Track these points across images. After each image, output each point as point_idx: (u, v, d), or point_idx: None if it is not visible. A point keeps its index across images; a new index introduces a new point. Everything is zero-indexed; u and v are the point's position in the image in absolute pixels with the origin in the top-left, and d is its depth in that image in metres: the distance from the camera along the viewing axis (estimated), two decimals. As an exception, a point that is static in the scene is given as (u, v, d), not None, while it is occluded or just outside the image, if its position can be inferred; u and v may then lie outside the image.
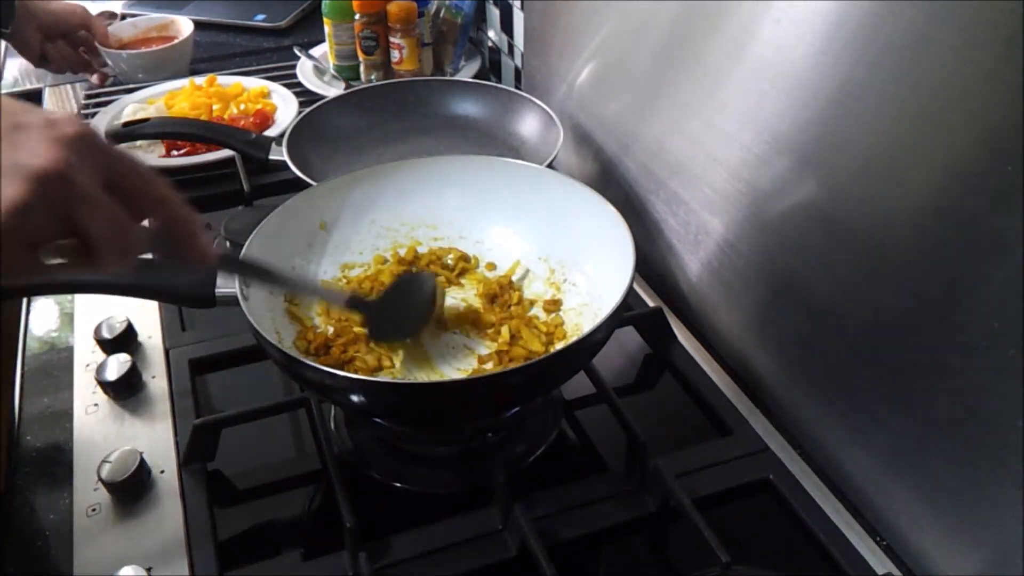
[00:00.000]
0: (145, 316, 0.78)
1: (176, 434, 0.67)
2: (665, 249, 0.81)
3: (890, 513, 0.58)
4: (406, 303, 0.65)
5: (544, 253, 0.73)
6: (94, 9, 1.32)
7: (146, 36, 1.31)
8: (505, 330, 0.66)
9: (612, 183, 0.88)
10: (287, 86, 1.20)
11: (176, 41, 1.28)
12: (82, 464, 0.64)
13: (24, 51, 1.22)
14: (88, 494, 0.62)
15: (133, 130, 0.96)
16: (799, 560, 0.58)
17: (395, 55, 1.19)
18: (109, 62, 1.26)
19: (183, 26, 1.31)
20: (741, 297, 0.71)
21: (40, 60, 1.23)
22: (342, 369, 0.63)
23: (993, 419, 0.48)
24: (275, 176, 0.99)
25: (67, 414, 0.69)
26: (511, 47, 1.19)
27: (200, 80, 1.20)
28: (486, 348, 0.66)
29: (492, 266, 0.74)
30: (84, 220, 0.41)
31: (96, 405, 0.69)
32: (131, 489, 0.61)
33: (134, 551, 0.57)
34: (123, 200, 0.42)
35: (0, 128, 0.39)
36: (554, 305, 0.69)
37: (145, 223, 0.45)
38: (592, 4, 0.85)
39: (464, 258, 0.74)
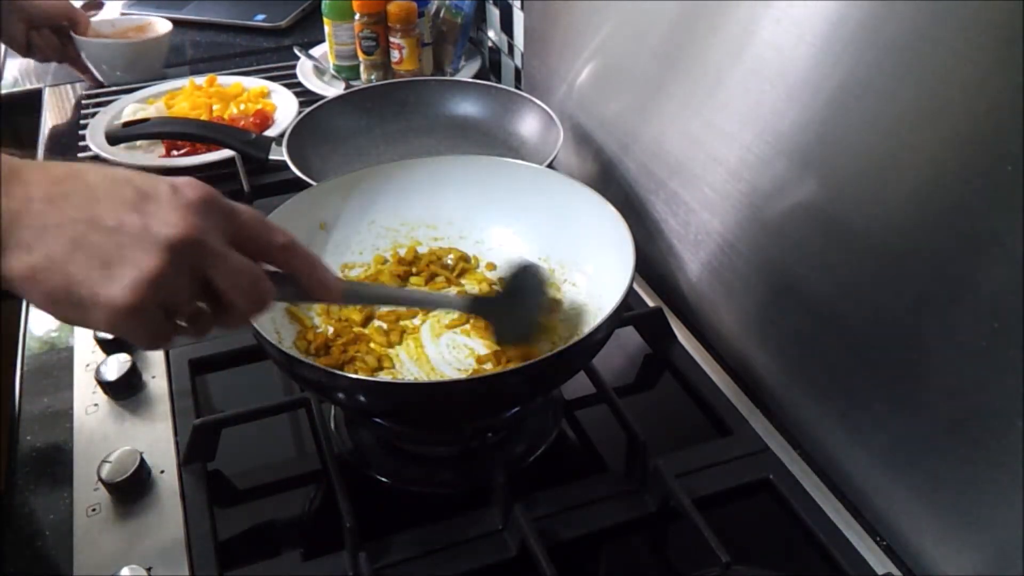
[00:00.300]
0: (145, 316, 0.78)
1: (176, 434, 0.67)
2: (665, 249, 0.81)
3: (890, 513, 0.58)
4: (523, 298, 0.63)
5: (544, 253, 0.73)
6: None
7: (123, 34, 1.31)
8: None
9: (612, 183, 0.88)
10: (287, 86, 1.20)
11: (147, 36, 1.29)
12: (82, 464, 0.64)
13: (10, 42, 1.24)
14: (88, 494, 0.62)
15: (133, 130, 0.97)
16: (799, 560, 0.58)
17: (395, 55, 1.19)
18: (83, 53, 1.26)
19: (160, 26, 1.31)
20: (741, 297, 0.71)
21: (26, 50, 1.24)
22: (342, 369, 0.63)
23: (993, 419, 0.48)
24: (275, 176, 0.99)
25: (67, 414, 0.69)
26: (511, 47, 1.19)
27: (200, 80, 1.20)
28: (486, 348, 0.66)
29: (492, 266, 0.74)
30: (221, 280, 0.42)
31: (96, 405, 0.69)
32: (131, 489, 0.61)
33: (134, 551, 0.57)
34: (250, 253, 0.44)
35: (129, 200, 0.40)
36: (554, 304, 0.69)
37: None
38: (592, 4, 0.86)
39: (464, 258, 0.74)
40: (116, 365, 0.70)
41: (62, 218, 0.39)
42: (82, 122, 1.18)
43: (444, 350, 0.67)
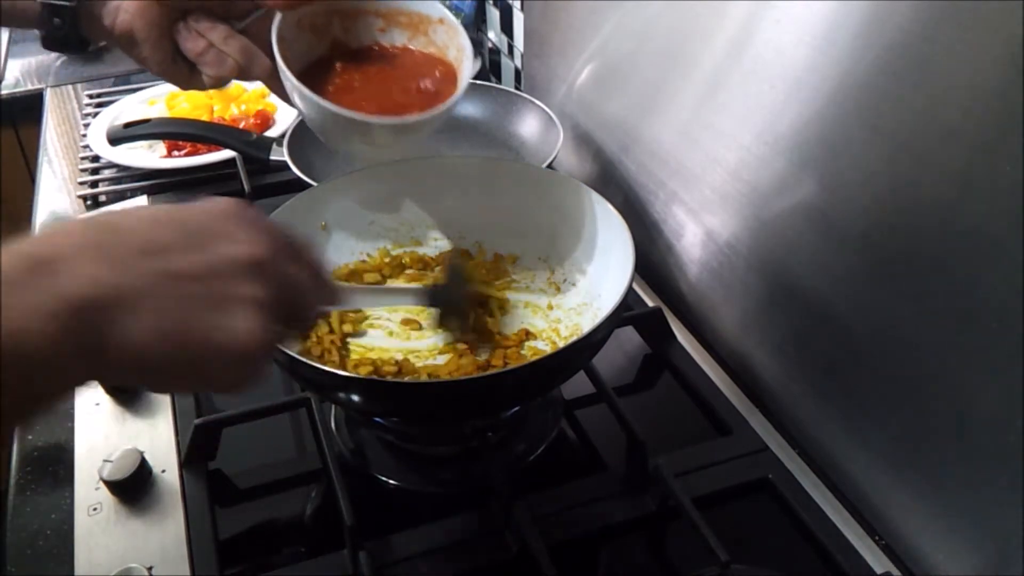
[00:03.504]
0: (146, 316, 0.78)
1: (177, 434, 0.67)
2: (665, 249, 0.81)
3: (889, 512, 0.58)
4: (455, 290, 0.63)
5: (544, 253, 0.73)
6: None
7: None
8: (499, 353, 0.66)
9: (612, 183, 0.88)
10: (288, 87, 1.20)
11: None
12: (83, 463, 0.64)
13: (154, 62, 0.60)
14: (89, 493, 0.62)
15: (134, 130, 0.97)
16: (798, 559, 0.58)
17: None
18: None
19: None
20: (740, 297, 0.71)
21: (176, 63, 0.60)
22: (342, 369, 0.63)
23: (993, 419, 0.48)
24: (276, 176, 0.99)
25: (68, 413, 0.69)
26: (511, 48, 1.19)
27: (201, 81, 1.20)
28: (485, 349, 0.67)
29: (514, 258, 0.74)
30: (299, 276, 0.42)
31: (97, 404, 0.70)
32: (132, 488, 0.61)
33: (135, 550, 0.57)
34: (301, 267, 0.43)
35: (181, 243, 0.38)
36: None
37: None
38: (592, 5, 0.86)
39: (467, 254, 0.75)
40: (117, 365, 0.70)
41: (143, 285, 0.36)
42: (83, 123, 1.18)
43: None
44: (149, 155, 1.07)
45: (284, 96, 0.60)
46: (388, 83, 0.60)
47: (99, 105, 1.21)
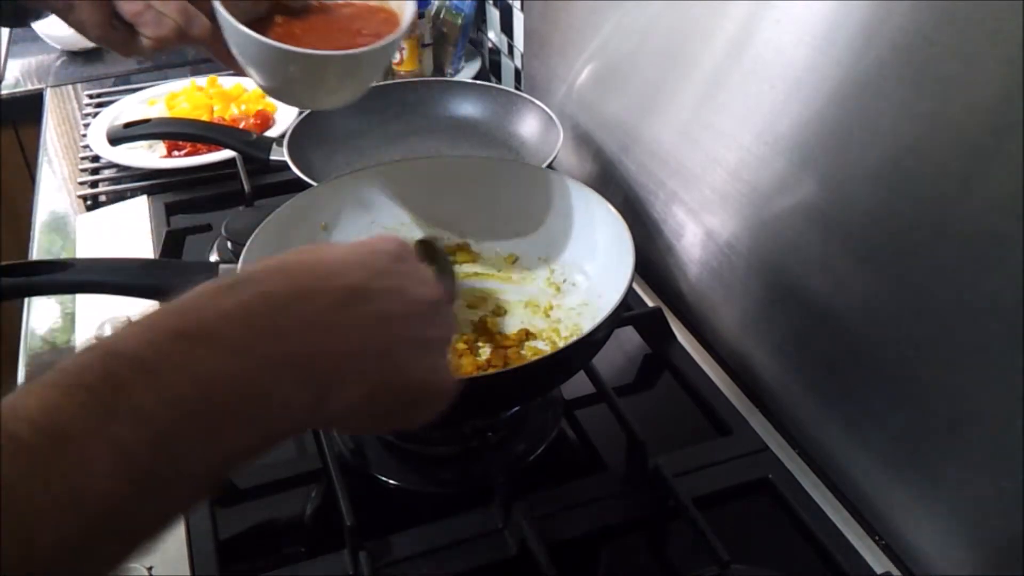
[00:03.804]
0: (146, 316, 0.78)
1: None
2: (665, 249, 0.81)
3: (889, 512, 0.58)
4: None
5: (544, 253, 0.73)
6: None
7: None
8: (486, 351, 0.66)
9: (612, 183, 0.88)
10: (288, 87, 1.20)
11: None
12: (83, 463, 0.64)
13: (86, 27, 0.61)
14: (89, 493, 0.62)
15: (134, 131, 0.97)
16: (798, 559, 0.58)
17: (395, 56, 1.19)
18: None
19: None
20: (740, 297, 0.71)
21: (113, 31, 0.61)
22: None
23: (993, 419, 0.48)
24: (276, 177, 0.99)
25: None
26: (511, 48, 1.19)
27: (201, 81, 1.20)
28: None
29: (513, 258, 0.74)
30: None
31: (97, 405, 0.69)
32: (132, 488, 0.61)
33: (135, 550, 0.57)
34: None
35: (404, 314, 0.38)
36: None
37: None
38: (592, 5, 0.86)
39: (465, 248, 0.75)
40: (117, 365, 0.70)
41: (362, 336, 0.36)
42: (83, 123, 1.18)
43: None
44: (149, 155, 1.07)
45: (225, 58, 0.59)
46: (331, 30, 0.61)
47: (99, 105, 1.21)
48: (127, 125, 0.97)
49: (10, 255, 0.94)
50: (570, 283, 0.71)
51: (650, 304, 0.80)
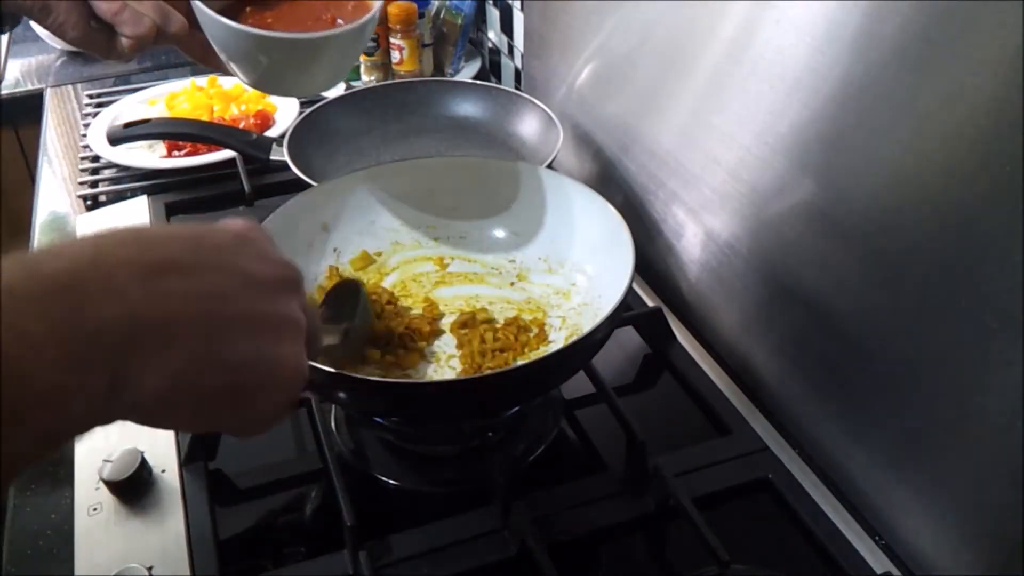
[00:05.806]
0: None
1: (177, 434, 0.67)
2: (665, 249, 0.81)
3: (889, 512, 0.58)
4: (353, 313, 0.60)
5: (544, 253, 0.73)
6: None
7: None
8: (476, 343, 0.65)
9: (612, 183, 0.88)
10: (288, 87, 1.20)
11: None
12: (83, 464, 0.64)
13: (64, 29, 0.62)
14: (89, 493, 0.62)
15: (134, 131, 0.97)
16: (798, 559, 0.58)
17: (395, 56, 1.19)
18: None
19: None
20: (740, 297, 0.71)
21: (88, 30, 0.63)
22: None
23: (993, 419, 0.48)
24: (276, 177, 0.99)
25: (68, 414, 0.69)
26: (511, 48, 1.19)
27: (201, 81, 1.21)
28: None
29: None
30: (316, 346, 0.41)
31: (97, 405, 0.69)
32: (132, 489, 0.61)
33: (135, 550, 0.57)
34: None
35: (233, 291, 0.35)
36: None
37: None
38: (592, 5, 0.86)
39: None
40: (117, 365, 0.70)
41: (175, 308, 0.31)
42: (83, 123, 1.18)
43: (443, 349, 0.67)
44: (149, 155, 1.07)
45: (201, 56, 0.60)
46: (301, 17, 0.62)
47: (99, 105, 1.21)
48: (127, 125, 0.97)
49: (10, 255, 0.94)
50: (570, 283, 0.71)
51: (650, 304, 0.80)
